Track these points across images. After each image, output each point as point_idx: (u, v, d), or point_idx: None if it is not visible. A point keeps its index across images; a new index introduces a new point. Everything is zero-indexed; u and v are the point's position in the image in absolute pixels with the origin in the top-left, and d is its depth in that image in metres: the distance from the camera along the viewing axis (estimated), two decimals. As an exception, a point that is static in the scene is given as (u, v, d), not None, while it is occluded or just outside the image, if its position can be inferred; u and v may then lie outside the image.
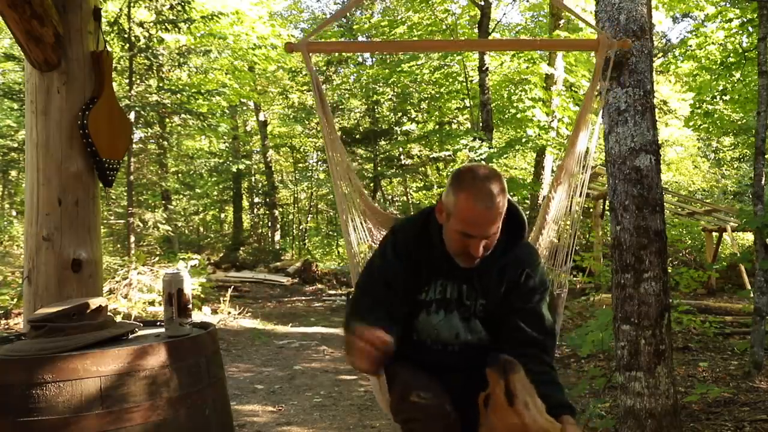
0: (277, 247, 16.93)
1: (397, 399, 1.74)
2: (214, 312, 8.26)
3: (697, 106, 9.50)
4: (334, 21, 12.22)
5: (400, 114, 15.64)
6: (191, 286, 1.99)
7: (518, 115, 9.65)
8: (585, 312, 6.92)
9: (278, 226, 18.02)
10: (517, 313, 1.72)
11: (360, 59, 17.19)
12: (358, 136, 15.50)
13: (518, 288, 1.74)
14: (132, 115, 8.42)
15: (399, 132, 14.76)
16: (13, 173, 14.35)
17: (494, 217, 1.58)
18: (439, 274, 1.75)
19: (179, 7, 8.70)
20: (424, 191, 18.27)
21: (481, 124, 9.57)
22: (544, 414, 1.40)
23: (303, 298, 11.12)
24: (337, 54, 15.08)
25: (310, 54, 2.16)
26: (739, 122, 11.46)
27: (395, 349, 1.57)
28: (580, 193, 2.35)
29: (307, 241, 19.38)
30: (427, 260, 1.73)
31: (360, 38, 15.09)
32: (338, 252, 17.87)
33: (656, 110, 2.88)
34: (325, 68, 16.09)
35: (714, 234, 10.63)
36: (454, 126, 14.83)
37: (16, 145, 10.07)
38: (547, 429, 1.38)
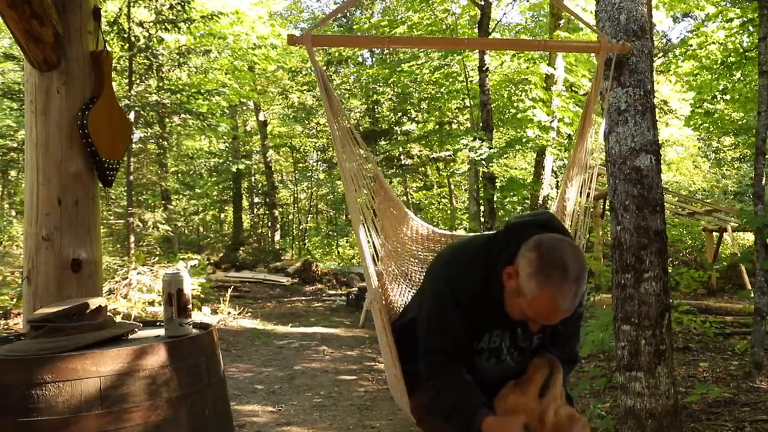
0: (277, 247, 16.93)
1: (423, 408, 1.75)
2: (214, 312, 8.26)
3: (698, 105, 9.50)
4: (338, 13, 12.19)
5: (400, 114, 15.63)
6: (191, 286, 1.98)
7: (518, 115, 9.64)
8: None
9: (278, 226, 18.03)
10: (559, 336, 1.75)
11: (360, 59, 17.18)
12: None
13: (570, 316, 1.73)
14: (132, 115, 8.42)
15: (399, 132, 14.75)
16: (13, 173, 14.35)
17: (570, 313, 1.52)
18: (494, 325, 1.69)
19: (179, 7, 8.70)
20: (424, 191, 18.28)
21: (481, 124, 9.55)
22: (559, 414, 1.55)
23: (303, 298, 11.12)
24: (337, 54, 15.07)
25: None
26: (740, 122, 11.46)
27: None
28: (586, 194, 2.32)
29: (307, 241, 19.39)
30: (485, 312, 1.65)
31: (360, 39, 15.04)
32: (338, 252, 17.88)
33: (656, 110, 2.87)
34: (324, 68, 16.08)
35: (714, 234, 10.63)
36: (454, 126, 14.82)
37: (15, 145, 10.07)
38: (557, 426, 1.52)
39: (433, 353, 1.68)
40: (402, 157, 16.57)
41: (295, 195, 20.46)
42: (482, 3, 9.46)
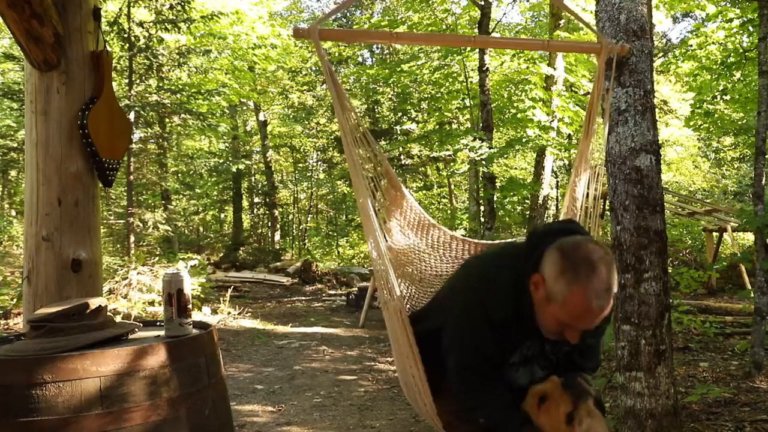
0: (277, 247, 16.93)
1: (453, 413, 1.76)
2: (214, 312, 8.26)
3: (698, 105, 9.49)
4: (345, 7, 12.17)
5: (400, 114, 15.64)
6: (191, 286, 1.98)
7: (518, 115, 9.64)
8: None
9: (278, 226, 18.02)
10: (586, 349, 1.74)
11: (360, 59, 17.20)
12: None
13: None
14: (132, 115, 8.42)
15: (399, 132, 14.76)
16: (13, 173, 14.36)
17: (607, 311, 1.45)
18: (525, 337, 1.67)
19: (179, 7, 8.69)
20: (424, 191, 18.29)
21: (481, 124, 9.55)
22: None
23: (303, 298, 11.11)
24: (337, 54, 15.07)
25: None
26: (740, 122, 11.44)
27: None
28: (593, 194, 2.33)
29: (307, 241, 19.39)
30: (515, 326, 1.62)
31: (360, 38, 15.08)
32: (338, 252, 17.87)
33: (656, 110, 2.87)
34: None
35: (714, 234, 10.62)
36: (454, 126, 14.82)
37: (15, 145, 10.08)
38: None
39: (467, 372, 1.67)
40: (402, 157, 16.58)
41: (295, 195, 20.46)
42: (482, 3, 9.45)
